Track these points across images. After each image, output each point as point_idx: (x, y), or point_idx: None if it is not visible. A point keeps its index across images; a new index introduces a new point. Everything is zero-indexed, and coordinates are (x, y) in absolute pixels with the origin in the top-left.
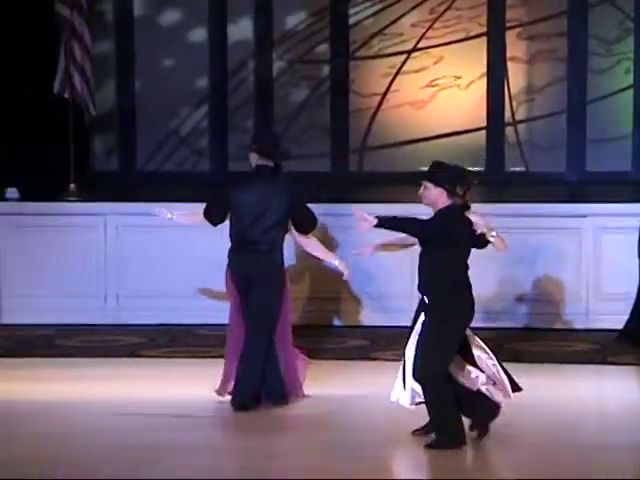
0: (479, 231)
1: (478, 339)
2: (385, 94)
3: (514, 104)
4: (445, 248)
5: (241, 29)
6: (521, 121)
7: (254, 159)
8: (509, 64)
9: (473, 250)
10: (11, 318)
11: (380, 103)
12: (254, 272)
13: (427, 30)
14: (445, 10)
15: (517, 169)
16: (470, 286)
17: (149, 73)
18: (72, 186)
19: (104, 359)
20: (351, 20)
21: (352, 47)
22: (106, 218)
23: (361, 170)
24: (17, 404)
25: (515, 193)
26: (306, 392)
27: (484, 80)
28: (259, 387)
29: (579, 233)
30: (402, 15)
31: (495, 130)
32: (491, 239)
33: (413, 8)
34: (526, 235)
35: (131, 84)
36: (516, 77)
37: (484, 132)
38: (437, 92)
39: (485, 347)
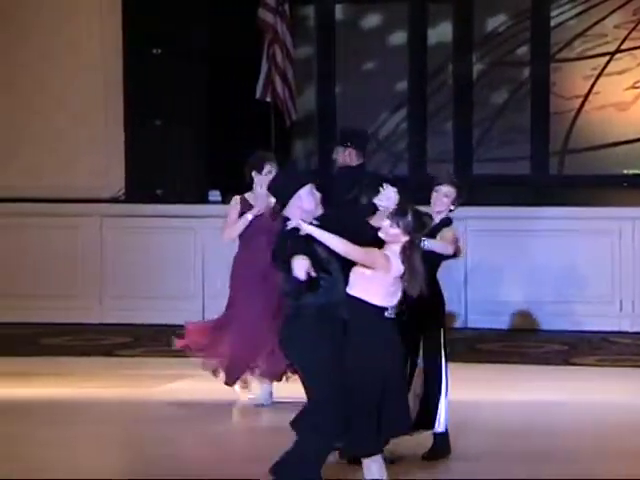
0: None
1: None
2: (587, 96)
3: None
4: None
5: (441, 32)
6: None
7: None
8: None
9: None
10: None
11: (582, 105)
12: None
13: (631, 31)
14: None
15: None
16: None
17: (349, 77)
18: None
19: None
20: (553, 22)
21: (553, 49)
22: None
23: (561, 173)
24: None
25: None
26: None
27: None
28: None
29: None
30: (605, 16)
31: None
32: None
33: (617, 9)
34: None
35: (331, 88)
36: None
37: None
38: None
39: None
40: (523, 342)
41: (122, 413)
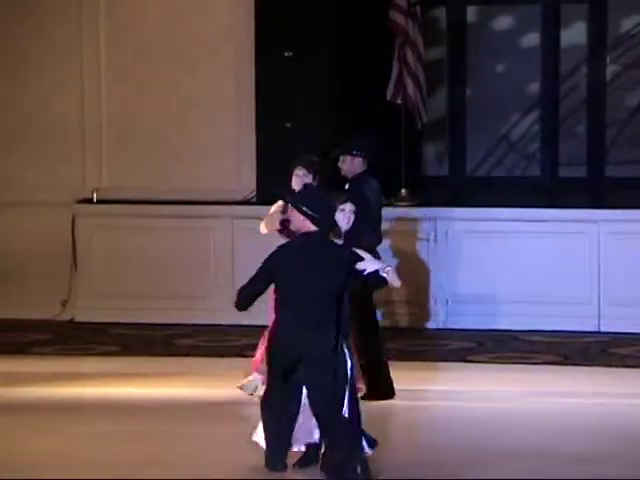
0: None
1: None
2: None
3: None
4: None
5: (574, 33)
6: None
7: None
8: None
9: None
10: None
11: None
12: None
13: None
14: None
15: None
16: None
17: (480, 79)
18: (403, 191)
19: (430, 363)
20: None
21: None
22: (436, 223)
23: None
24: None
25: None
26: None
27: None
28: None
29: None
30: None
31: None
32: None
33: None
34: None
35: (462, 90)
36: None
37: None
38: None
39: None
40: None
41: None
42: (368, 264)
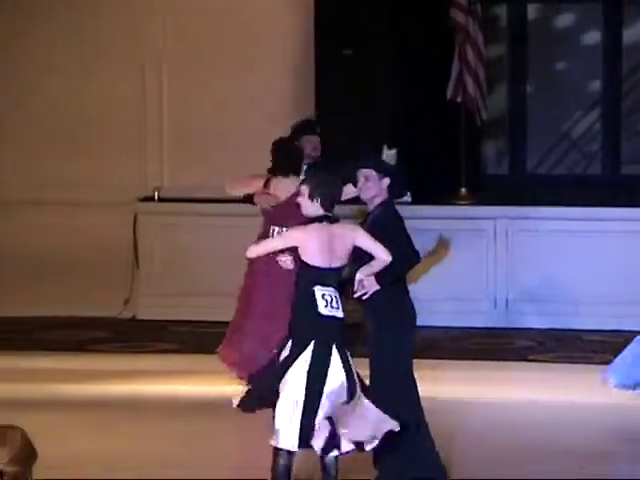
0: None
1: None
2: None
3: None
4: None
5: (637, 31)
6: None
7: None
8: None
9: None
10: None
11: None
12: None
13: None
14: None
15: None
16: None
17: (541, 77)
18: (463, 190)
19: (495, 362)
20: None
21: None
22: (496, 222)
23: None
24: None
25: None
26: None
27: None
28: None
29: None
30: None
31: None
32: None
33: None
34: None
35: (522, 88)
36: None
37: None
38: None
39: None
40: None
41: None
42: None
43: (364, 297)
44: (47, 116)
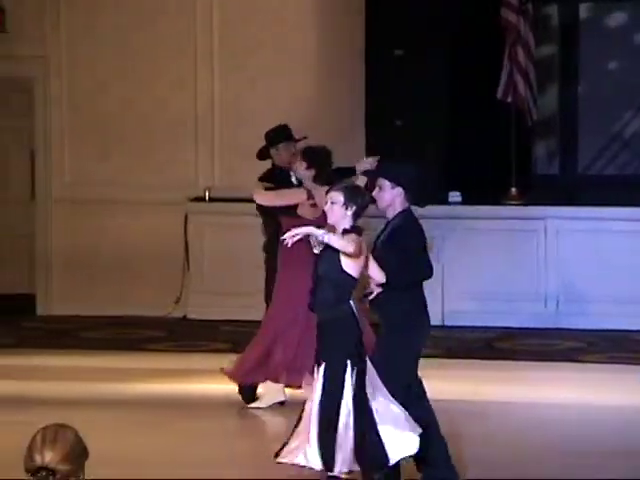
0: None
1: None
2: None
3: None
4: None
5: None
6: None
7: None
8: None
9: None
10: (453, 320)
11: None
12: None
13: None
14: None
15: None
16: None
17: (593, 76)
18: (513, 190)
19: (542, 363)
20: None
21: None
22: (546, 222)
23: None
24: (458, 404)
25: None
26: None
27: None
28: None
29: None
30: None
31: None
32: None
33: None
34: None
35: (574, 88)
36: None
37: None
38: None
39: None
40: None
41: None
42: None
43: (370, 297)
44: (112, 118)
